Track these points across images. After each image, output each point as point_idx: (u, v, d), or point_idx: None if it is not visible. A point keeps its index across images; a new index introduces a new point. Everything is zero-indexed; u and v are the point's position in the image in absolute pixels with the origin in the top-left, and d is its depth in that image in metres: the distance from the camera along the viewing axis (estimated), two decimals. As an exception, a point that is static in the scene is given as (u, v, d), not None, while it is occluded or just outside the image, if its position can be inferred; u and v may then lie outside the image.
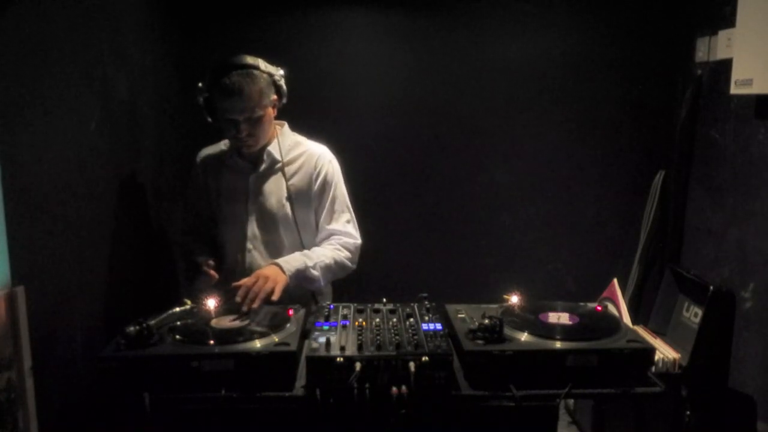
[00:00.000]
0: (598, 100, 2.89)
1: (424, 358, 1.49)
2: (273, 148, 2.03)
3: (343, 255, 2.03)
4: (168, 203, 2.49)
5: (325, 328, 1.66)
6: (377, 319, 1.73)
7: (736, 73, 2.16)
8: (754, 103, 2.24)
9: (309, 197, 2.05)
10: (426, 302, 1.86)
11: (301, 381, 1.56)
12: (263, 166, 2.03)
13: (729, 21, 2.31)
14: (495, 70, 2.86)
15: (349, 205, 2.10)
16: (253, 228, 2.03)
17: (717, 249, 2.47)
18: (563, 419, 2.77)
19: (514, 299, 1.86)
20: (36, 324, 1.37)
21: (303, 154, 2.06)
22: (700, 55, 2.60)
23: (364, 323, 1.70)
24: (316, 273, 1.94)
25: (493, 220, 2.97)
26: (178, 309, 1.77)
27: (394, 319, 1.74)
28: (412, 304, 1.87)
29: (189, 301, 1.81)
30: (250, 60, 1.90)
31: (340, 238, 2.05)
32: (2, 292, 1.27)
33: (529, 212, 2.98)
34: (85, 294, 1.69)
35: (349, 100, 2.85)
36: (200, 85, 1.94)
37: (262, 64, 1.93)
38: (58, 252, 1.55)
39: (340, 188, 2.07)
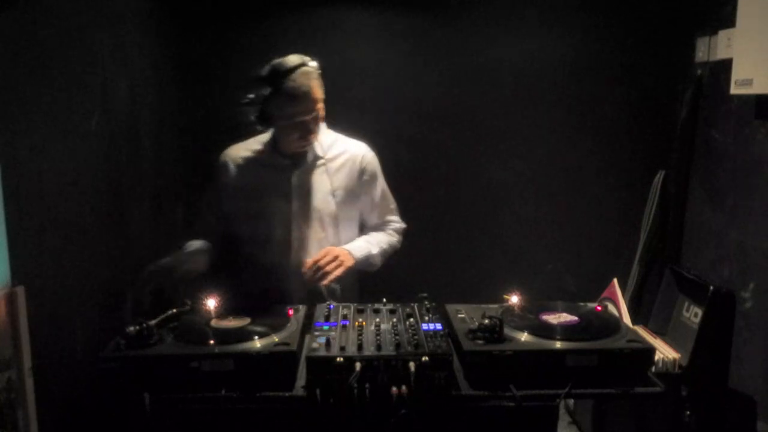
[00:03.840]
0: (598, 100, 2.88)
1: (424, 358, 1.49)
2: (316, 145, 2.02)
3: (395, 239, 2.20)
4: (168, 203, 2.49)
5: (325, 328, 1.66)
6: (377, 319, 1.73)
7: (736, 73, 2.16)
8: (754, 103, 2.24)
9: (353, 194, 2.07)
10: (426, 302, 1.86)
11: (301, 381, 1.56)
12: (306, 163, 2.02)
13: (729, 21, 2.30)
14: (494, 69, 2.85)
15: (391, 194, 2.21)
16: (298, 225, 2.02)
17: (717, 249, 2.47)
18: (563, 419, 2.77)
19: (514, 299, 1.86)
20: (36, 324, 1.37)
21: (346, 152, 2.08)
22: (700, 55, 2.60)
23: (364, 323, 1.70)
24: (378, 259, 2.09)
25: (493, 220, 2.97)
26: (178, 309, 1.77)
27: (394, 319, 1.75)
28: (412, 304, 1.88)
29: (189, 301, 1.81)
30: (302, 58, 1.89)
31: (391, 224, 2.21)
32: (2, 292, 1.27)
33: (529, 212, 2.98)
34: (85, 294, 1.69)
35: (347, 100, 2.84)
36: (250, 97, 1.90)
37: (308, 59, 1.91)
38: (58, 252, 1.55)
39: (383, 182, 2.17)
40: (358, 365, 1.48)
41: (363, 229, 2.17)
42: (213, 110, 2.84)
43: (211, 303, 1.81)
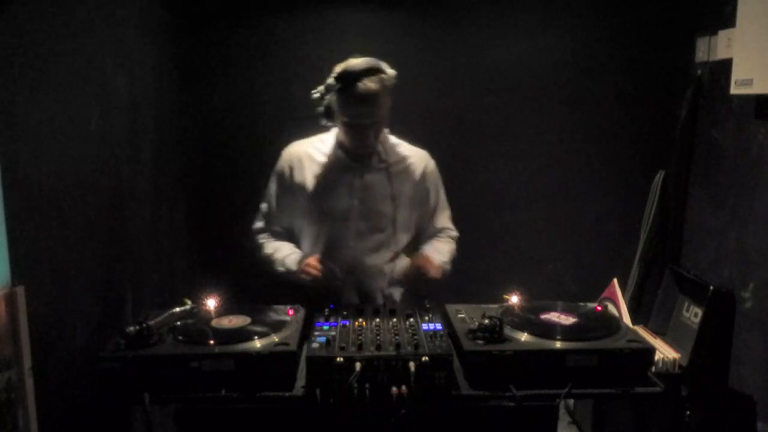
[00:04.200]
0: (598, 100, 2.88)
1: (424, 358, 1.49)
2: (379, 149, 2.03)
3: (454, 246, 2.18)
4: (168, 203, 2.49)
5: (325, 328, 1.66)
6: (377, 319, 1.73)
7: (736, 73, 2.16)
8: (754, 103, 2.24)
9: (413, 200, 2.08)
10: (426, 302, 1.86)
11: (301, 381, 1.56)
12: (369, 165, 2.02)
13: (729, 21, 2.30)
14: (495, 69, 2.85)
15: (447, 202, 2.22)
16: (357, 225, 2.03)
17: (717, 249, 2.47)
18: (563, 419, 2.77)
19: (514, 299, 1.86)
20: (36, 324, 1.37)
21: (408, 158, 2.09)
22: (700, 55, 2.60)
23: (364, 323, 1.70)
24: (448, 269, 2.09)
25: (493, 219, 2.97)
26: (178, 309, 1.77)
27: (394, 319, 1.74)
28: (412, 304, 1.88)
29: (189, 301, 1.81)
30: (379, 64, 1.89)
31: (448, 232, 2.19)
32: (2, 292, 1.27)
33: (529, 212, 2.98)
34: (85, 294, 1.69)
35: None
36: (322, 88, 1.93)
37: (385, 66, 1.92)
38: (58, 252, 1.55)
39: (442, 190, 2.19)
40: (358, 365, 1.48)
41: (420, 236, 2.17)
42: (213, 110, 2.85)
43: (211, 303, 1.82)
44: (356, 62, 1.88)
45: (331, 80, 1.89)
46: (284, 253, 2.05)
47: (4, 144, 1.30)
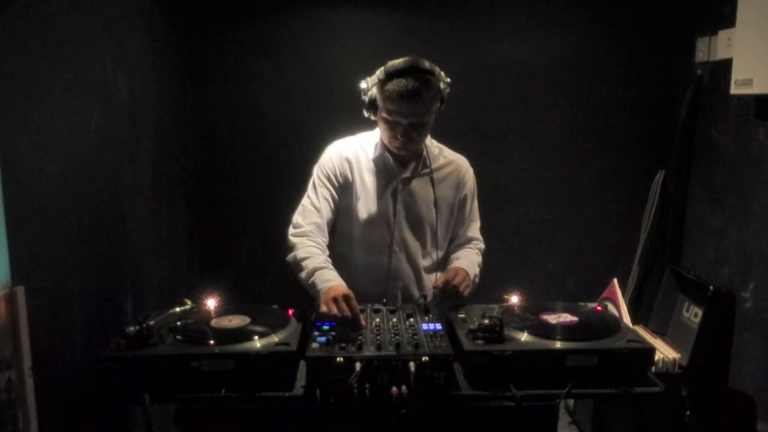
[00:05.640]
0: (598, 100, 2.89)
1: (424, 358, 1.49)
2: (424, 153, 2.02)
3: (481, 259, 2.12)
4: (168, 203, 2.49)
5: (325, 328, 1.66)
6: (377, 319, 1.73)
7: (736, 73, 2.16)
8: (754, 103, 2.24)
9: (452, 206, 2.07)
10: (426, 302, 1.86)
11: (301, 381, 1.56)
12: (413, 170, 2.01)
13: (729, 21, 2.30)
14: (495, 69, 2.86)
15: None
16: (401, 230, 2.01)
17: (717, 249, 2.47)
18: (563, 419, 2.77)
19: (514, 299, 1.86)
20: (36, 324, 1.37)
21: (450, 164, 2.07)
22: (700, 55, 2.60)
23: (364, 323, 1.70)
24: (477, 280, 2.05)
25: (493, 219, 2.96)
26: (178, 309, 1.77)
27: (394, 319, 1.75)
28: (412, 304, 1.87)
29: (189, 301, 1.81)
30: (428, 65, 1.88)
31: (477, 243, 2.15)
32: (2, 292, 1.27)
33: (529, 212, 2.98)
34: (85, 294, 1.69)
35: (347, 99, 2.85)
36: (368, 79, 1.92)
37: (437, 70, 1.91)
38: (58, 252, 1.55)
39: (476, 197, 2.15)
40: (358, 365, 1.48)
41: (449, 244, 2.14)
42: (213, 110, 2.85)
43: (211, 303, 1.82)
44: (404, 59, 1.86)
45: (378, 72, 1.88)
46: (316, 263, 1.87)
47: (4, 144, 1.31)
